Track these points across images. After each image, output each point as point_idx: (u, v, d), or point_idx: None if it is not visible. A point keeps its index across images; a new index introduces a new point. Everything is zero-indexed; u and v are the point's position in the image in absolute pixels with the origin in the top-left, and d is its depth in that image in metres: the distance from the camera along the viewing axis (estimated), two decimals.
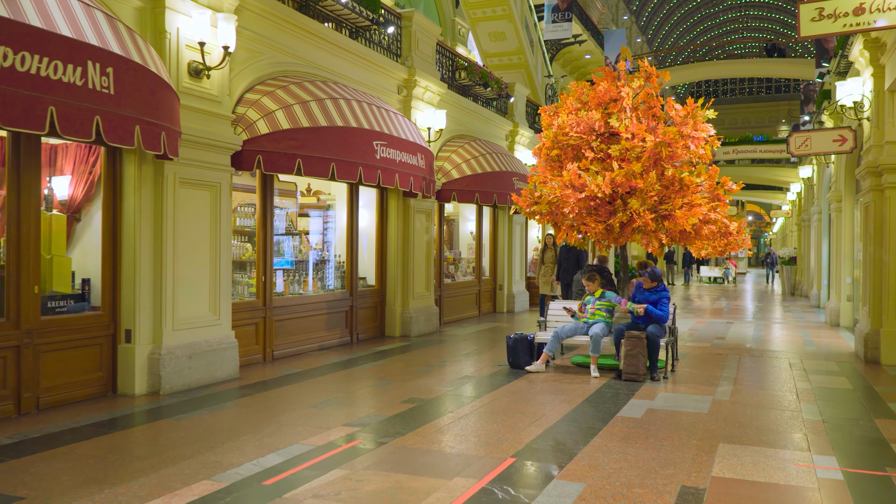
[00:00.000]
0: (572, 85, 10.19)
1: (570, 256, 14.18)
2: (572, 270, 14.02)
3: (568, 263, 14.23)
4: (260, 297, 10.13)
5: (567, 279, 14.18)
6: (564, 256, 14.37)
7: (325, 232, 13.64)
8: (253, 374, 9.19)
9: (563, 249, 14.28)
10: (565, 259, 14.33)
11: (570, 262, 14.20)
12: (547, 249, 15.50)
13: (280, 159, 9.01)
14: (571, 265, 14.14)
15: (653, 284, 9.56)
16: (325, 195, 13.49)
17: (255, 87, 9.43)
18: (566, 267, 14.26)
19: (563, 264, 14.33)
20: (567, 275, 14.20)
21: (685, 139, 9.40)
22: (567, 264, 14.25)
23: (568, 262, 14.24)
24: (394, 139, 10.76)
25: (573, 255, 14.11)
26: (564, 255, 14.37)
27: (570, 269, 14.10)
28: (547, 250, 15.49)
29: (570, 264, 14.18)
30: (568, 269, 14.19)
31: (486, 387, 8.57)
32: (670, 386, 8.72)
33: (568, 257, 14.25)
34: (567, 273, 14.23)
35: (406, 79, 13.19)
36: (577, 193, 9.37)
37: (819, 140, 11.83)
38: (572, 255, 14.13)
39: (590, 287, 9.88)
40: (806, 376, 9.54)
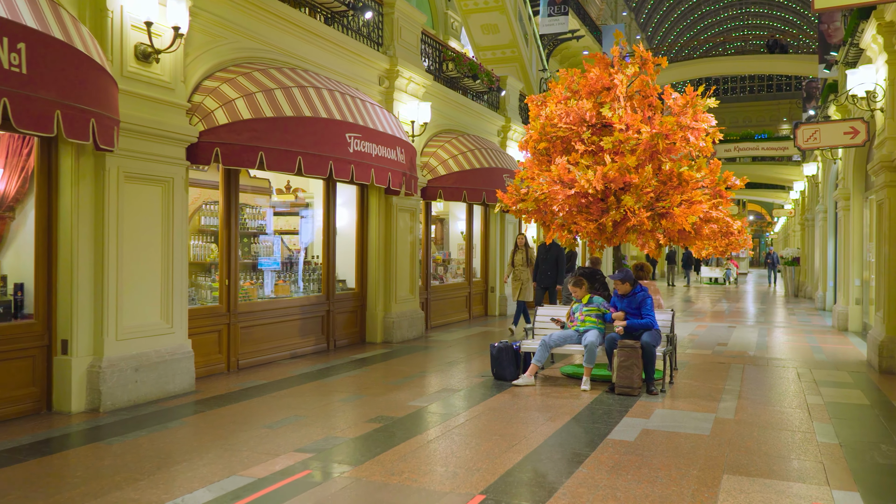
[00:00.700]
0: (562, 72, 9.40)
1: (549, 258, 13.02)
2: (551, 273, 12.97)
3: (546, 265, 13.08)
4: (223, 301, 9.34)
5: (546, 283, 13.08)
6: (542, 258, 13.14)
7: (302, 232, 12.87)
8: (212, 386, 8.40)
9: (540, 249, 13.13)
10: (543, 260, 13.12)
11: (549, 263, 13.04)
12: (517, 251, 14.01)
13: (240, 152, 8.22)
14: (550, 267, 13.02)
15: (625, 288, 8.70)
16: (304, 193, 12.72)
17: (214, 74, 8.64)
18: (544, 269, 13.12)
19: (541, 266, 13.14)
20: (545, 278, 13.07)
21: (684, 130, 8.62)
22: (545, 266, 13.10)
23: (546, 264, 13.09)
24: (370, 132, 9.96)
25: (552, 256, 12.96)
26: (542, 256, 13.14)
27: (549, 272, 13.01)
28: (517, 252, 14.00)
29: (549, 266, 13.04)
30: (546, 271, 13.06)
31: (464, 402, 7.78)
32: (668, 401, 7.93)
33: (546, 258, 13.07)
34: (545, 276, 13.08)
35: (388, 69, 12.39)
36: (566, 190, 8.58)
37: (829, 133, 11.03)
38: (551, 256, 12.97)
39: (577, 293, 9.09)
40: (816, 388, 8.74)
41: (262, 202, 11.68)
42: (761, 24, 68.03)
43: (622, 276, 8.66)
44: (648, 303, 8.56)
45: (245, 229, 10.86)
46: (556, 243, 12.73)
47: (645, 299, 8.53)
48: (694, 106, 8.68)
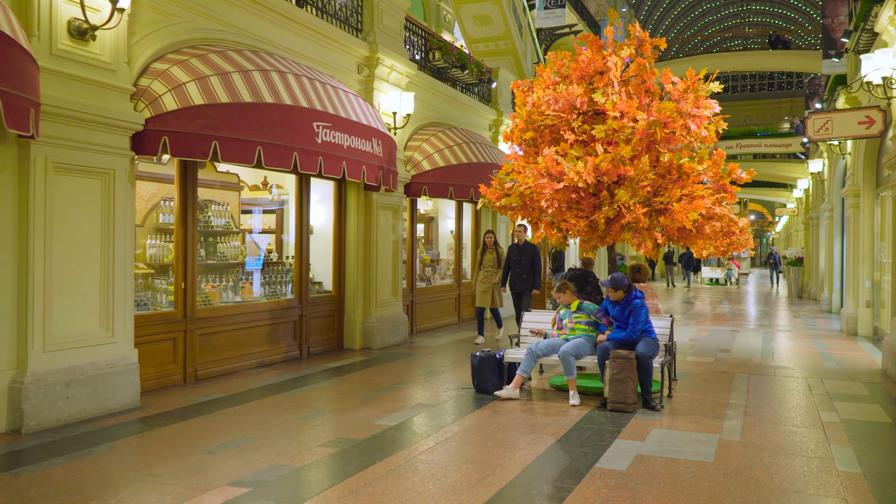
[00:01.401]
0: (551, 55, 8.57)
1: (524, 259, 11.57)
2: (528, 277, 11.57)
3: (521, 268, 11.63)
4: (179, 306, 8.52)
5: (521, 287, 11.64)
6: (516, 258, 11.66)
7: (277, 231, 12.05)
8: (161, 401, 7.57)
9: (512, 250, 11.75)
10: (517, 262, 11.66)
11: (524, 265, 11.60)
12: (486, 251, 12.37)
13: (191, 141, 7.39)
14: (525, 269, 11.58)
15: (618, 295, 7.86)
16: (280, 189, 11.92)
17: (166, 56, 7.81)
18: (518, 273, 11.66)
19: (515, 268, 11.70)
20: (520, 282, 11.64)
21: (684, 118, 7.79)
22: (520, 269, 11.64)
23: (521, 267, 11.63)
24: (342, 121, 9.13)
25: (527, 258, 11.55)
26: (516, 257, 11.66)
27: (525, 276, 11.59)
28: (487, 251, 12.36)
29: (525, 268, 11.59)
30: (521, 274, 11.61)
31: (438, 420, 6.95)
32: (666, 418, 7.10)
33: (520, 260, 11.60)
34: (520, 280, 11.64)
35: (367, 56, 11.56)
36: (554, 183, 7.75)
37: (842, 122, 10.19)
38: (526, 258, 11.55)
39: (561, 298, 8.27)
40: (830, 403, 7.92)
41: (230, 198, 10.88)
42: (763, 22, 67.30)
43: (611, 282, 7.81)
44: (641, 315, 7.67)
45: (209, 227, 10.06)
46: (531, 242, 11.59)
47: (635, 310, 7.65)
48: (696, 91, 7.85)
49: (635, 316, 7.66)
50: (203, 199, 10.30)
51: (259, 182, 12.31)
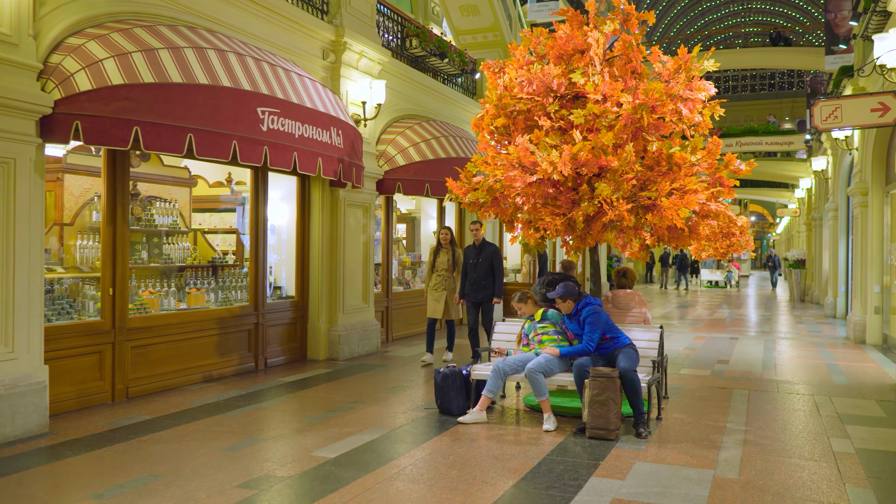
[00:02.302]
0: (525, 32, 7.60)
1: (481, 262, 9.73)
2: (486, 283, 9.74)
3: (478, 273, 9.75)
4: (106, 315, 7.54)
5: (478, 297, 9.79)
6: (472, 262, 9.77)
7: (236, 230, 11.09)
8: (75, 425, 6.60)
9: (469, 251, 9.93)
10: (474, 266, 9.75)
11: (482, 270, 9.74)
12: (441, 251, 10.47)
13: (108, 127, 6.41)
14: (483, 275, 9.72)
15: (567, 307, 6.95)
16: (243, 186, 10.94)
17: (84, 30, 6.84)
18: (475, 278, 9.75)
19: (472, 273, 9.78)
20: (478, 290, 9.76)
21: (675, 101, 6.81)
22: (477, 274, 9.75)
23: (478, 272, 9.75)
24: (293, 107, 8.16)
25: (485, 260, 9.73)
26: (473, 260, 9.77)
27: (483, 282, 9.74)
28: (441, 252, 10.47)
29: (482, 273, 9.74)
30: (478, 280, 9.74)
31: (387, 451, 5.97)
32: (653, 448, 6.12)
33: (477, 264, 9.73)
34: (478, 288, 9.75)
35: (333, 41, 10.59)
36: (526, 176, 6.78)
37: (852, 110, 9.20)
38: (484, 261, 9.73)
39: (523, 310, 7.34)
40: (841, 426, 6.94)
41: (180, 195, 9.92)
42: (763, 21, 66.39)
43: (560, 292, 6.89)
44: (591, 320, 6.72)
45: (152, 226, 9.09)
46: (489, 242, 9.98)
47: (588, 318, 6.72)
48: (688, 70, 6.87)
49: (590, 324, 6.73)
50: (147, 196, 9.36)
51: (223, 178, 11.36)
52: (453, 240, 10.51)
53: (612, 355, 6.70)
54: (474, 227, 10.02)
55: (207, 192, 11.31)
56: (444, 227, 10.57)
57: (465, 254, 10.01)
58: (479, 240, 9.94)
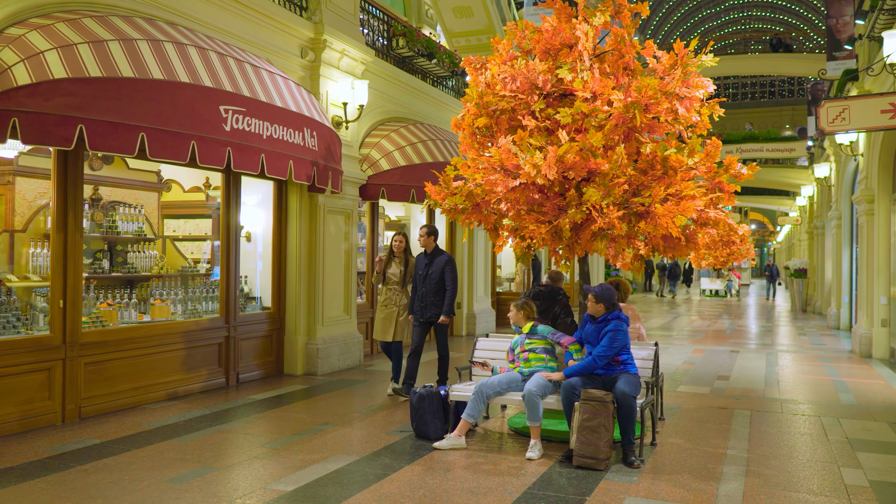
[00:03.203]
0: (510, 25, 7.05)
1: (432, 274, 8.34)
2: (436, 299, 8.33)
3: (429, 285, 8.37)
4: (56, 330, 6.96)
5: (426, 314, 8.37)
6: (422, 273, 8.42)
7: (210, 237, 10.53)
8: (15, 450, 6.02)
9: (419, 260, 8.55)
10: (424, 278, 8.39)
11: (432, 283, 8.35)
12: (393, 260, 8.90)
13: (49, 124, 5.86)
14: (433, 289, 8.33)
15: (600, 309, 6.34)
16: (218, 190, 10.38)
17: (28, 20, 6.29)
18: (424, 293, 8.39)
19: (420, 287, 8.45)
20: (426, 307, 8.36)
21: (671, 99, 6.25)
22: (427, 287, 8.37)
23: (428, 285, 8.37)
24: (261, 106, 7.61)
25: (435, 271, 8.34)
26: (422, 271, 8.43)
27: (433, 297, 8.35)
28: (392, 261, 8.90)
29: (432, 287, 8.34)
30: (427, 295, 8.36)
31: (353, 482, 5.39)
32: (646, 480, 5.54)
33: (427, 276, 8.37)
34: (427, 304, 8.37)
35: (312, 38, 10.05)
36: (508, 180, 6.22)
37: (860, 111, 8.63)
38: (434, 272, 8.34)
39: (513, 318, 6.74)
40: (852, 453, 6.37)
41: (147, 199, 9.37)
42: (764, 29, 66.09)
43: (599, 290, 6.29)
44: (617, 339, 6.16)
45: (114, 233, 8.54)
46: (443, 251, 8.60)
47: (610, 333, 6.14)
48: (684, 66, 6.32)
49: (609, 339, 6.13)
50: (110, 201, 8.82)
51: (201, 183, 10.82)
52: (409, 248, 9.00)
53: (613, 378, 6.12)
54: (423, 233, 8.56)
55: (182, 198, 10.76)
56: (398, 233, 9.00)
57: (416, 264, 8.64)
58: (430, 248, 8.54)
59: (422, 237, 8.55)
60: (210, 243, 10.49)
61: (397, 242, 8.88)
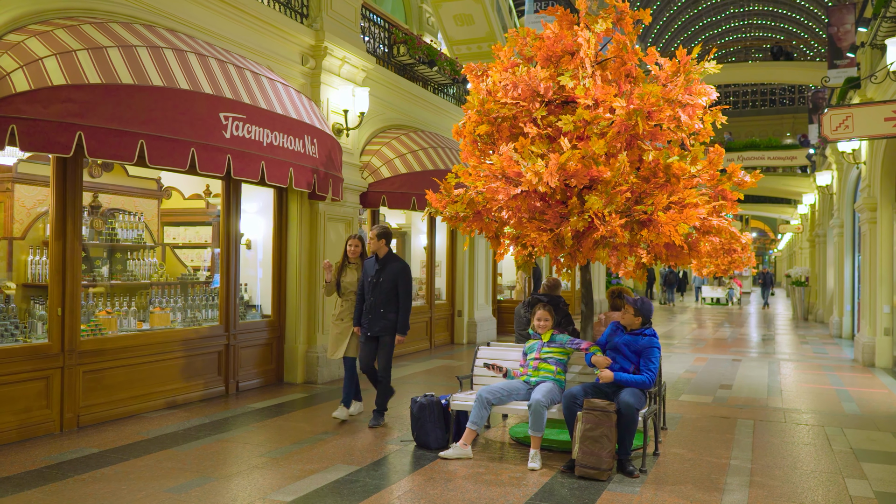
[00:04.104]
0: (511, 32, 7.03)
1: (384, 282, 7.38)
2: (386, 311, 7.38)
3: (378, 295, 7.40)
4: (55, 338, 6.92)
5: (374, 328, 7.39)
6: (372, 280, 7.43)
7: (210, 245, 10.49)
8: (12, 459, 5.97)
9: (369, 266, 7.57)
10: (373, 286, 7.41)
11: (383, 292, 7.39)
12: (348, 267, 7.92)
13: (48, 131, 5.83)
14: (383, 299, 7.38)
15: (636, 322, 6.32)
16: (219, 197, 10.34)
17: (27, 27, 6.27)
18: (373, 303, 7.41)
19: (369, 297, 7.46)
20: (375, 319, 7.39)
21: (673, 106, 6.22)
22: (376, 296, 7.40)
23: (378, 293, 7.40)
24: (261, 113, 7.59)
25: (388, 279, 7.39)
26: (372, 278, 7.44)
27: (382, 309, 7.38)
28: (347, 268, 7.92)
29: (383, 297, 7.39)
30: (376, 307, 7.39)
31: (352, 493, 5.34)
32: (649, 491, 5.48)
33: (378, 283, 7.41)
34: (375, 316, 7.39)
35: (313, 45, 10.04)
36: (509, 188, 6.18)
37: (864, 119, 8.59)
38: (387, 280, 7.39)
39: (539, 327, 6.67)
40: (856, 464, 6.31)
41: (147, 207, 9.33)
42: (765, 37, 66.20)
43: (641, 304, 6.30)
44: (655, 354, 6.18)
45: (114, 241, 8.50)
46: (397, 257, 7.61)
47: (648, 349, 6.16)
48: (687, 73, 6.28)
49: (649, 358, 6.19)
50: (110, 208, 8.78)
51: (202, 190, 10.78)
52: (365, 253, 7.94)
53: (618, 388, 6.08)
54: (373, 237, 7.55)
55: (183, 205, 10.73)
56: (354, 237, 7.97)
57: (364, 269, 7.66)
58: (381, 252, 7.52)
59: (372, 240, 7.58)
60: (210, 251, 10.44)
61: (353, 247, 7.89)
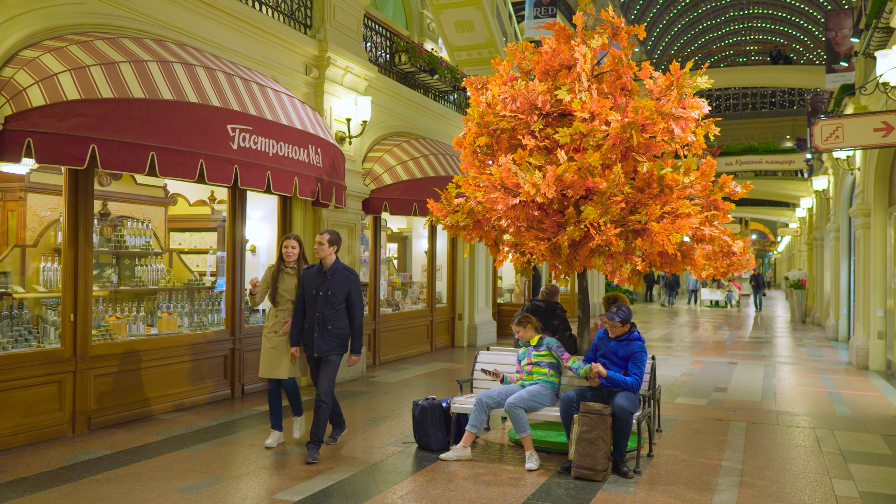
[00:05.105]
0: (510, 47, 7.24)
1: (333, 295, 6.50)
2: (335, 328, 6.50)
3: (328, 308, 6.49)
4: (67, 343, 7.13)
5: (326, 346, 6.50)
6: (317, 293, 6.49)
7: (216, 251, 10.71)
8: (27, 461, 6.18)
9: (311, 276, 6.61)
10: (318, 299, 6.48)
11: (333, 305, 6.51)
12: (283, 273, 6.85)
13: (63, 144, 6.05)
14: (333, 312, 6.50)
15: (623, 330, 6.54)
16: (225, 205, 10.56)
17: (41, 43, 6.49)
18: (322, 318, 6.49)
19: (313, 310, 6.51)
20: (326, 337, 6.48)
21: (667, 120, 6.43)
22: (325, 310, 6.49)
23: (328, 307, 6.49)
24: (267, 125, 7.80)
25: (339, 291, 6.52)
26: (316, 290, 6.51)
27: (330, 325, 6.48)
28: (284, 275, 6.85)
29: (332, 310, 6.50)
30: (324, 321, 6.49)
31: (357, 493, 5.55)
32: (642, 490, 5.69)
33: (326, 296, 6.48)
34: (325, 334, 6.47)
35: (317, 55, 10.26)
36: (508, 198, 6.40)
37: (854, 129, 8.81)
38: (337, 291, 6.51)
39: (520, 334, 6.89)
40: (844, 465, 6.51)
41: (154, 214, 9.55)
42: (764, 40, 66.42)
43: (623, 315, 6.48)
44: (642, 359, 6.40)
45: (122, 248, 8.72)
46: (346, 266, 6.76)
47: (636, 355, 6.39)
48: (680, 87, 6.50)
49: (637, 363, 6.40)
50: (118, 215, 9.00)
51: (206, 197, 11.02)
52: (303, 256, 6.96)
53: (613, 391, 6.29)
54: (320, 242, 6.63)
55: (188, 212, 10.96)
56: (291, 237, 6.91)
57: (303, 280, 6.66)
58: (328, 262, 6.61)
59: (321, 246, 6.61)
60: (215, 256, 10.66)
61: (288, 250, 6.82)
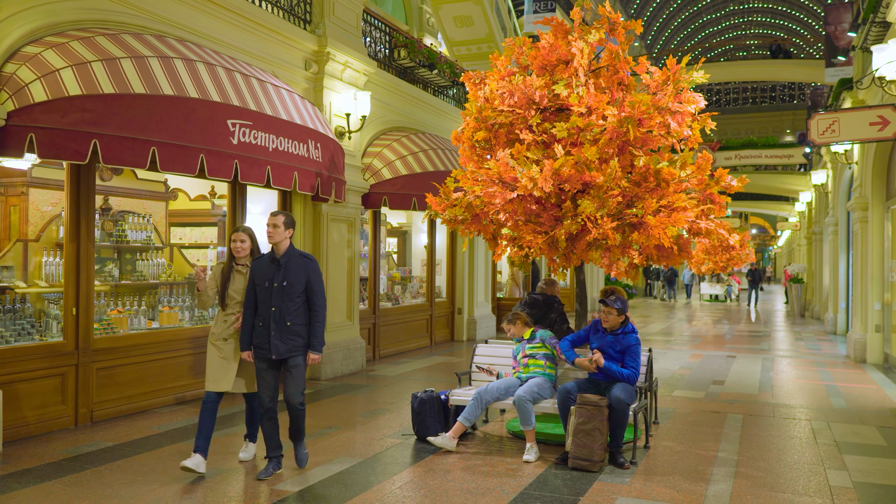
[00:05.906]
0: (507, 42, 7.29)
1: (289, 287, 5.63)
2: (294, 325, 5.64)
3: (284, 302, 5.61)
4: (69, 336, 7.20)
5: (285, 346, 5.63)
6: (270, 285, 5.62)
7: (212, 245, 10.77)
8: (31, 452, 6.25)
9: (262, 266, 5.71)
10: (274, 291, 5.59)
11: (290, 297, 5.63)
12: (235, 269, 5.93)
13: (65, 139, 6.10)
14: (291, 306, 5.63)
15: (617, 321, 6.59)
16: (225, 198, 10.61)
17: (43, 39, 6.54)
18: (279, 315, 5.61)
19: (264, 305, 5.64)
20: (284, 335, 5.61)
21: (663, 114, 6.48)
22: (283, 305, 5.61)
23: (283, 300, 5.61)
24: (267, 120, 7.85)
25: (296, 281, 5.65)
26: (269, 282, 5.63)
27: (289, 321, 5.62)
28: (235, 272, 5.93)
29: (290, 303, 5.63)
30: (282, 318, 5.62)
31: (357, 483, 5.62)
32: (638, 480, 5.76)
33: (283, 288, 5.61)
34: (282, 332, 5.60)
35: (316, 51, 10.30)
36: (506, 192, 6.45)
37: (850, 124, 8.86)
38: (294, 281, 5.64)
39: (511, 331, 6.96)
40: (839, 456, 6.58)
41: (155, 209, 9.61)
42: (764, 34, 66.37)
43: (620, 304, 6.53)
44: (638, 351, 6.48)
45: (124, 242, 8.77)
46: (303, 252, 5.86)
47: (632, 348, 6.46)
48: (676, 82, 6.55)
49: (633, 356, 6.46)
50: (120, 210, 9.06)
51: (207, 192, 11.08)
52: (257, 250, 6.04)
53: (610, 383, 6.36)
54: (273, 225, 5.76)
55: (189, 206, 11.02)
56: (240, 230, 6.00)
57: (252, 271, 5.78)
58: (280, 248, 5.73)
59: (275, 229, 5.74)
60: (215, 250, 10.71)
61: (238, 244, 5.90)
